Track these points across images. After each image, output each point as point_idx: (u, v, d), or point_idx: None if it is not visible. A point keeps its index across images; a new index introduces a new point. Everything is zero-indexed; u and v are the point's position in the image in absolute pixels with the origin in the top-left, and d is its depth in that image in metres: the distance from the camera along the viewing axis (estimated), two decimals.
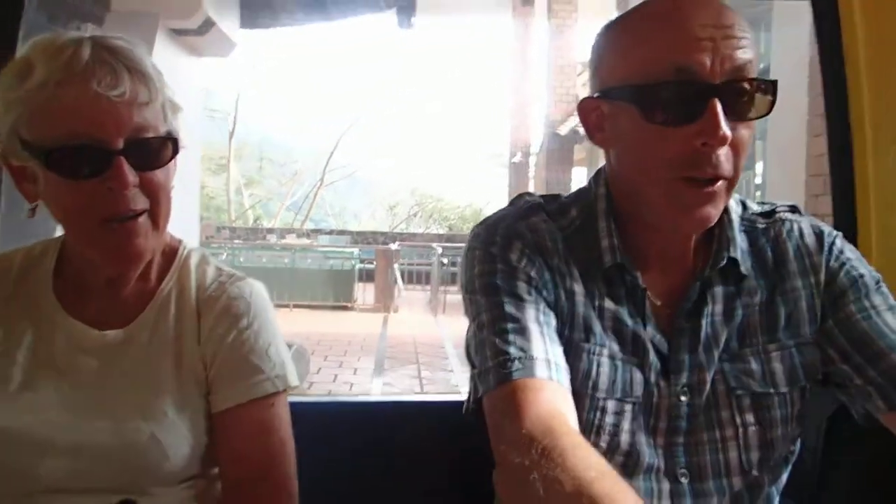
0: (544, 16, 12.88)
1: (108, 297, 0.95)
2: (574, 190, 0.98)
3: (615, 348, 0.87)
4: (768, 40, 5.21)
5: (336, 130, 25.99)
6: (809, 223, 0.95)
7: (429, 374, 6.77)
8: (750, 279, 0.90)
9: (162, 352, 0.93)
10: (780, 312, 0.90)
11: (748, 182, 7.22)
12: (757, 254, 0.92)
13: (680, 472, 0.87)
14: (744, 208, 0.95)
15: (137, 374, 0.91)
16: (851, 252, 0.93)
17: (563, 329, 0.87)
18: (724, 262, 0.88)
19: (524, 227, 0.90)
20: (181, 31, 6.24)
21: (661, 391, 0.87)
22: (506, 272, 0.86)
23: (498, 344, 0.81)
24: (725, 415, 0.87)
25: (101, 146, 0.83)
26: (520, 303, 0.84)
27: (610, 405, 0.86)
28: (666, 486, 0.87)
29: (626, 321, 0.88)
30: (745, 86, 0.79)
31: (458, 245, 13.19)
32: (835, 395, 0.92)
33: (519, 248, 0.88)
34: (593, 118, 0.88)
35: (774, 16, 5.04)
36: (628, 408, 0.86)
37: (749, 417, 0.87)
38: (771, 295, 0.90)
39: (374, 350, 7.88)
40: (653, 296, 0.89)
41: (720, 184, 0.80)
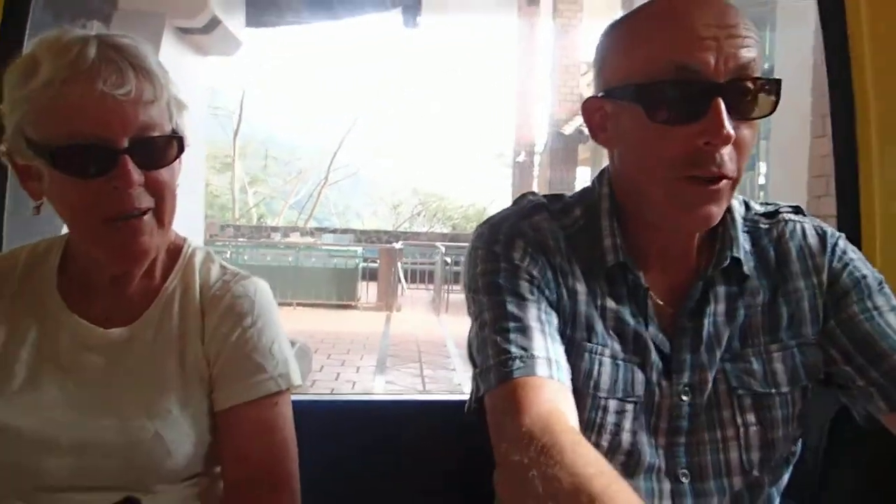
0: (549, 15, 12.87)
1: (112, 295, 0.95)
2: (578, 190, 0.98)
3: (617, 348, 0.87)
4: (773, 40, 5.20)
5: (340, 129, 25.97)
6: (812, 224, 0.95)
7: (431, 372, 6.78)
8: (752, 279, 0.90)
9: (166, 350, 0.93)
10: (782, 313, 0.90)
11: (752, 182, 7.19)
12: (760, 254, 0.92)
13: (681, 471, 0.87)
14: (747, 209, 0.95)
15: (142, 372, 0.91)
16: (854, 253, 0.93)
17: (564, 328, 0.87)
18: (727, 261, 0.88)
19: (527, 226, 0.90)
20: (187, 29, 6.24)
21: (663, 391, 0.87)
22: (508, 271, 0.86)
23: (499, 342, 0.82)
24: (727, 414, 0.87)
25: (107, 145, 0.83)
26: (522, 302, 0.84)
27: (611, 405, 0.86)
28: (667, 485, 0.87)
29: (628, 320, 0.88)
30: (749, 85, 0.78)
31: (461, 244, 13.16)
32: (837, 397, 0.92)
33: (522, 246, 0.88)
34: (597, 118, 0.88)
35: (779, 16, 5.03)
36: (629, 407, 0.87)
37: (750, 417, 0.87)
38: (773, 295, 0.90)
39: (376, 348, 7.88)
40: (655, 295, 0.89)
41: (723, 183, 0.80)
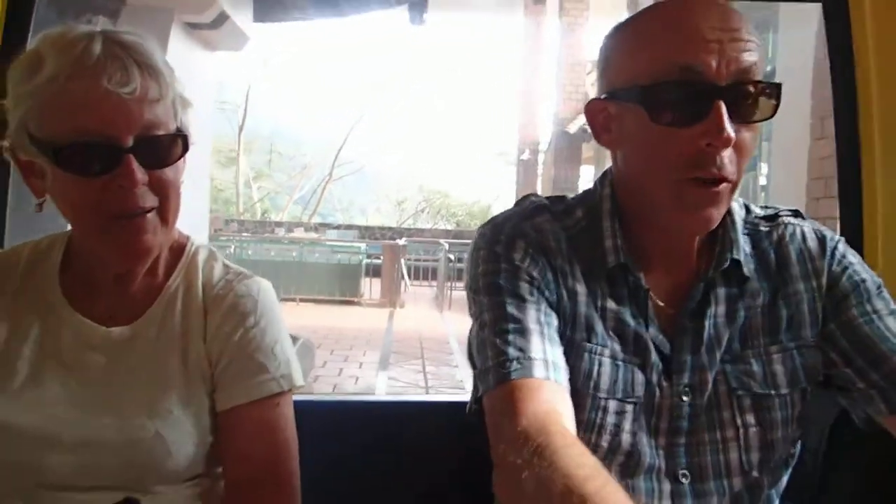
0: (555, 14, 12.86)
1: (115, 293, 0.94)
2: (581, 191, 0.99)
3: (617, 348, 0.88)
4: (776, 42, 5.20)
5: (345, 125, 25.93)
6: (812, 227, 0.95)
7: (434, 368, 6.80)
8: (752, 281, 0.91)
9: (169, 348, 0.93)
10: (781, 315, 0.90)
11: (754, 182, 7.18)
12: (759, 256, 0.93)
13: (681, 472, 0.88)
14: (747, 212, 0.96)
15: (144, 371, 0.91)
16: (853, 257, 0.94)
17: (565, 329, 0.87)
18: (728, 263, 0.89)
19: (529, 227, 0.91)
20: (196, 25, 6.21)
21: (663, 391, 0.88)
22: (509, 272, 0.87)
23: (498, 344, 0.82)
24: (726, 415, 0.88)
25: (111, 143, 0.82)
26: (521, 303, 0.85)
27: (611, 405, 0.87)
28: (667, 486, 0.88)
29: (629, 321, 0.89)
30: (750, 88, 0.79)
31: (465, 241, 13.16)
32: (837, 400, 0.92)
33: (522, 247, 0.88)
34: (600, 119, 0.89)
35: (781, 18, 5.02)
36: (629, 408, 0.87)
37: (750, 418, 0.88)
38: (773, 297, 0.91)
39: (379, 345, 7.91)
40: (655, 296, 0.90)
41: (724, 185, 0.80)
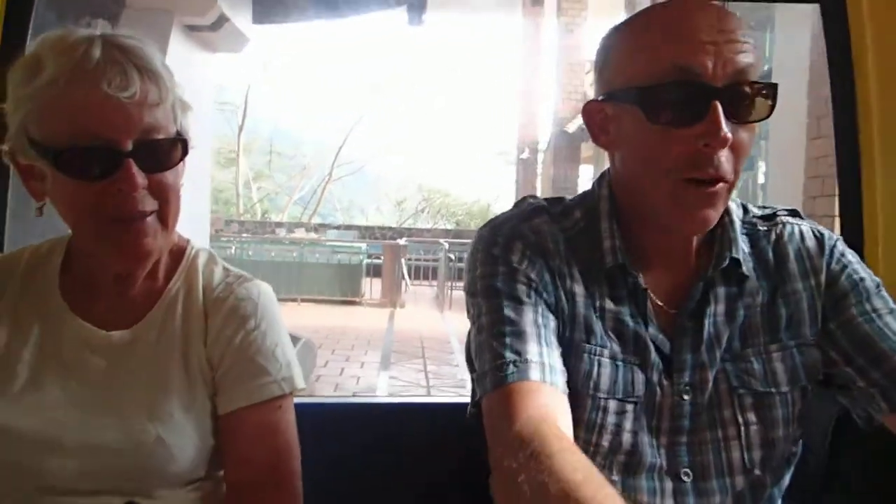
0: (554, 14, 12.88)
1: (115, 296, 0.94)
2: (580, 191, 1.01)
3: (616, 348, 0.88)
4: (772, 42, 5.24)
5: (345, 125, 25.87)
6: (810, 227, 0.96)
7: (435, 368, 6.85)
8: (751, 280, 0.91)
9: (169, 352, 0.93)
10: (781, 313, 0.91)
11: (753, 181, 7.22)
12: (758, 256, 0.93)
13: (683, 471, 0.88)
14: (744, 211, 0.97)
15: (144, 375, 0.91)
16: (852, 256, 0.94)
17: (564, 330, 0.88)
18: (727, 262, 0.89)
19: (527, 228, 0.91)
20: (196, 27, 6.19)
21: (664, 390, 0.88)
22: (506, 274, 0.88)
23: (495, 347, 0.83)
24: (727, 414, 0.88)
25: (111, 147, 0.82)
26: (518, 306, 0.86)
27: (611, 405, 0.87)
28: (669, 485, 0.88)
29: (628, 321, 0.89)
30: (746, 89, 0.80)
31: (465, 241, 13.19)
32: (838, 398, 0.93)
33: (520, 249, 0.89)
34: (598, 121, 0.90)
35: (777, 18, 5.06)
36: (630, 407, 0.88)
37: (751, 416, 0.89)
38: (772, 296, 0.92)
39: (380, 344, 7.96)
40: (655, 296, 0.90)
41: (720, 186, 0.81)
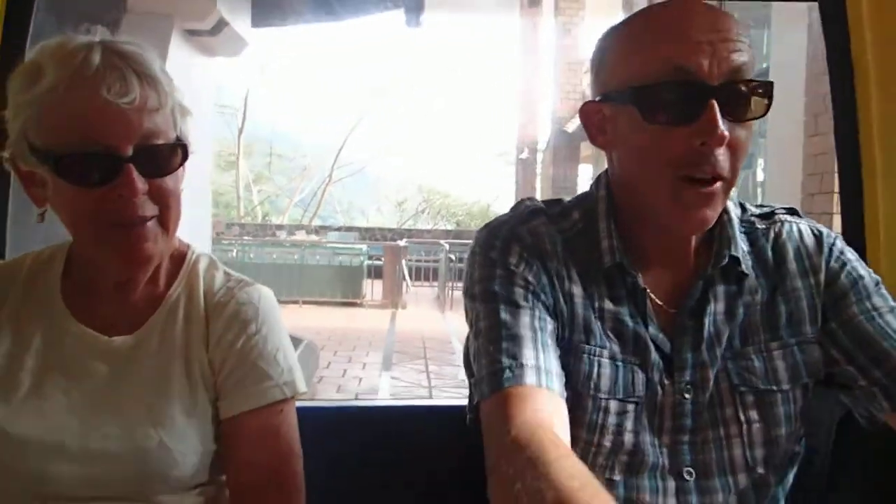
0: (551, 14, 12.91)
1: (116, 302, 0.94)
2: (579, 192, 1.01)
3: (616, 349, 0.88)
4: (769, 40, 5.26)
5: (344, 127, 25.92)
6: (809, 225, 0.96)
7: (436, 368, 6.87)
8: (751, 278, 0.91)
9: (171, 357, 0.93)
10: (780, 311, 0.91)
11: (752, 179, 7.24)
12: (757, 254, 0.93)
13: (685, 469, 0.88)
14: (743, 210, 0.97)
15: (146, 380, 0.91)
16: (851, 254, 0.94)
17: (563, 332, 0.88)
18: (726, 260, 0.89)
19: (525, 230, 0.91)
20: (195, 31, 6.19)
21: (665, 390, 0.88)
22: (504, 277, 0.88)
23: (492, 352, 0.83)
24: (729, 412, 0.88)
25: (111, 153, 0.83)
26: (515, 309, 0.85)
27: (612, 405, 0.87)
28: (671, 483, 0.88)
29: (627, 321, 0.89)
30: (742, 87, 0.81)
31: (465, 241, 13.21)
32: (840, 397, 0.93)
33: (518, 251, 0.89)
34: (595, 121, 0.90)
35: (774, 16, 5.08)
36: (631, 407, 0.88)
37: (753, 414, 0.88)
38: (772, 294, 0.92)
39: (382, 346, 7.98)
40: (654, 296, 0.90)
41: (718, 185, 0.81)
